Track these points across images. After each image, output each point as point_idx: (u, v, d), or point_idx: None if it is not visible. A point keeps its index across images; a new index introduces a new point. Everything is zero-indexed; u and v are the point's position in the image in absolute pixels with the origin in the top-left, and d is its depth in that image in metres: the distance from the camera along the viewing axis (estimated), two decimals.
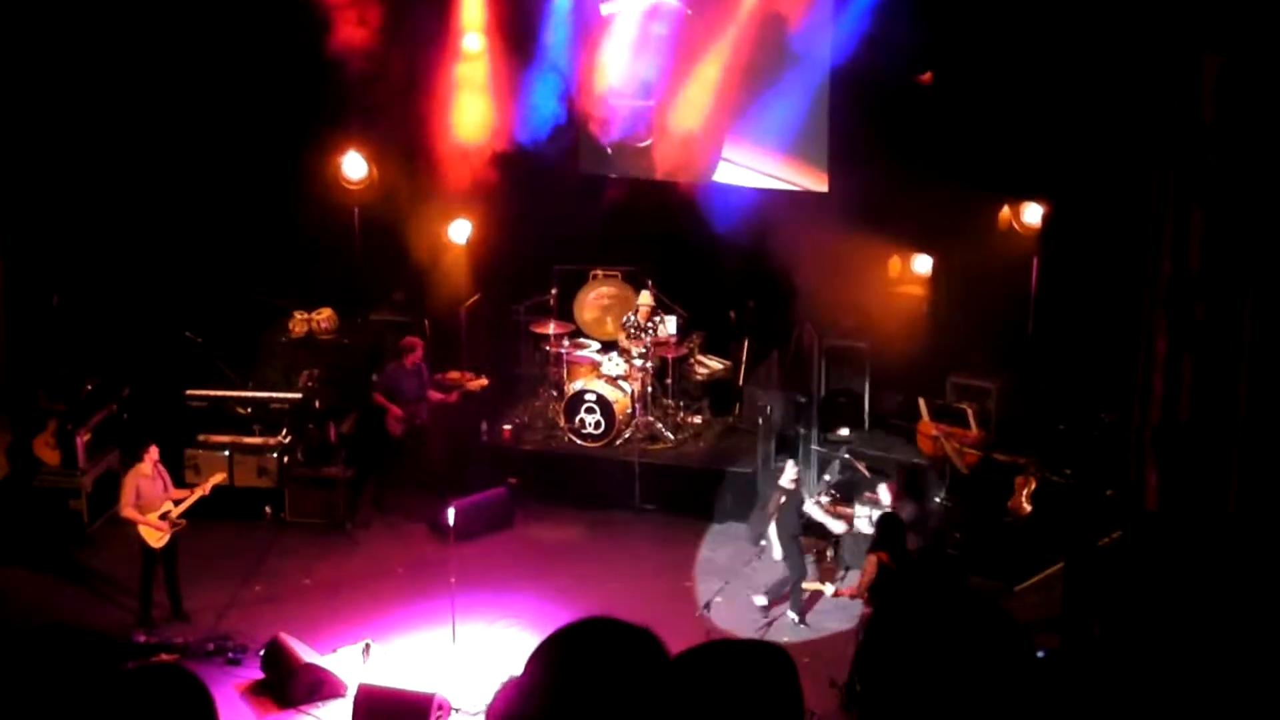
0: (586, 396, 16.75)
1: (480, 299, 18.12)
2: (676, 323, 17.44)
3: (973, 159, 15.94)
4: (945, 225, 16.51)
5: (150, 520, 13.80)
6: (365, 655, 13.13)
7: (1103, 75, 15.01)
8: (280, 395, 16.77)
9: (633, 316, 17.21)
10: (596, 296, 18.38)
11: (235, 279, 17.94)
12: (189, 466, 15.90)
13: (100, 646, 3.19)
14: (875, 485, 15.06)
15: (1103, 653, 11.97)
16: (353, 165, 18.24)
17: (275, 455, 16.24)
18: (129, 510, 13.85)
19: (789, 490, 14.28)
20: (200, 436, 16.28)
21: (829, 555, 15.10)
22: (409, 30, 17.26)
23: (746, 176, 17.88)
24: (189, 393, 16.54)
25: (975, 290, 16.76)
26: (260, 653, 13.22)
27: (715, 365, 17.95)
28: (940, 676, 2.65)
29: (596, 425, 16.73)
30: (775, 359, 17.32)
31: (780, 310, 17.70)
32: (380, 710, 12.27)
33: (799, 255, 16.64)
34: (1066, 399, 16.04)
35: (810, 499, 14.93)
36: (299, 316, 18.01)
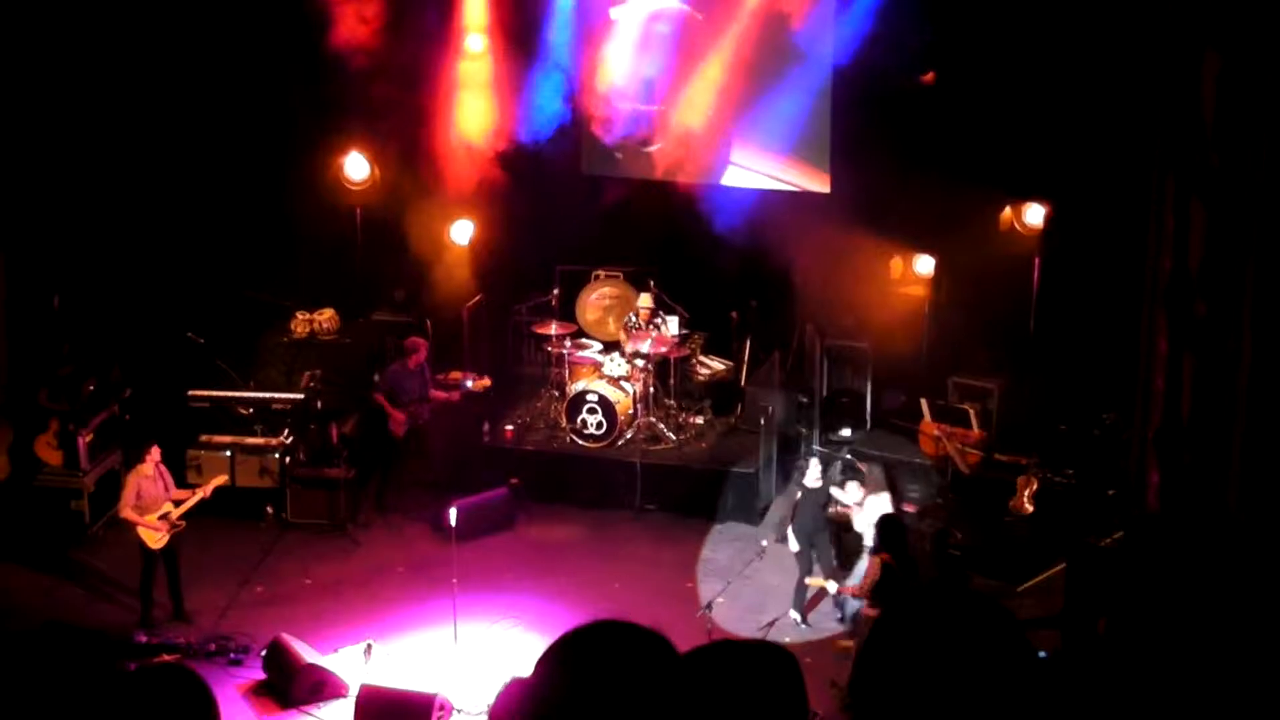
0: (588, 397, 16.75)
1: (482, 299, 18.13)
2: (678, 323, 17.44)
3: (974, 159, 15.95)
4: (947, 226, 16.51)
5: (148, 521, 13.79)
6: (367, 655, 13.13)
7: (1103, 75, 15.02)
8: (282, 396, 16.77)
9: (634, 316, 17.21)
10: (598, 297, 18.38)
11: (237, 279, 17.95)
12: (191, 467, 15.91)
13: (101, 646, 3.20)
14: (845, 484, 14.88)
15: (1104, 653, 11.96)
16: (355, 166, 18.25)
17: (277, 456, 16.24)
18: (128, 511, 13.85)
19: (812, 489, 14.21)
20: (202, 437, 16.28)
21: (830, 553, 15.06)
22: (412, 30, 17.27)
23: (749, 177, 17.89)
24: (191, 393, 16.55)
25: (977, 290, 16.77)
26: (262, 653, 13.21)
27: (717, 366, 17.94)
28: (942, 678, 2.65)
29: (598, 426, 16.73)
30: (777, 359, 17.31)
31: (782, 310, 17.72)
32: (382, 710, 12.26)
33: (801, 255, 16.66)
34: (1068, 399, 16.05)
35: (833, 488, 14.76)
36: (301, 317, 18.03)
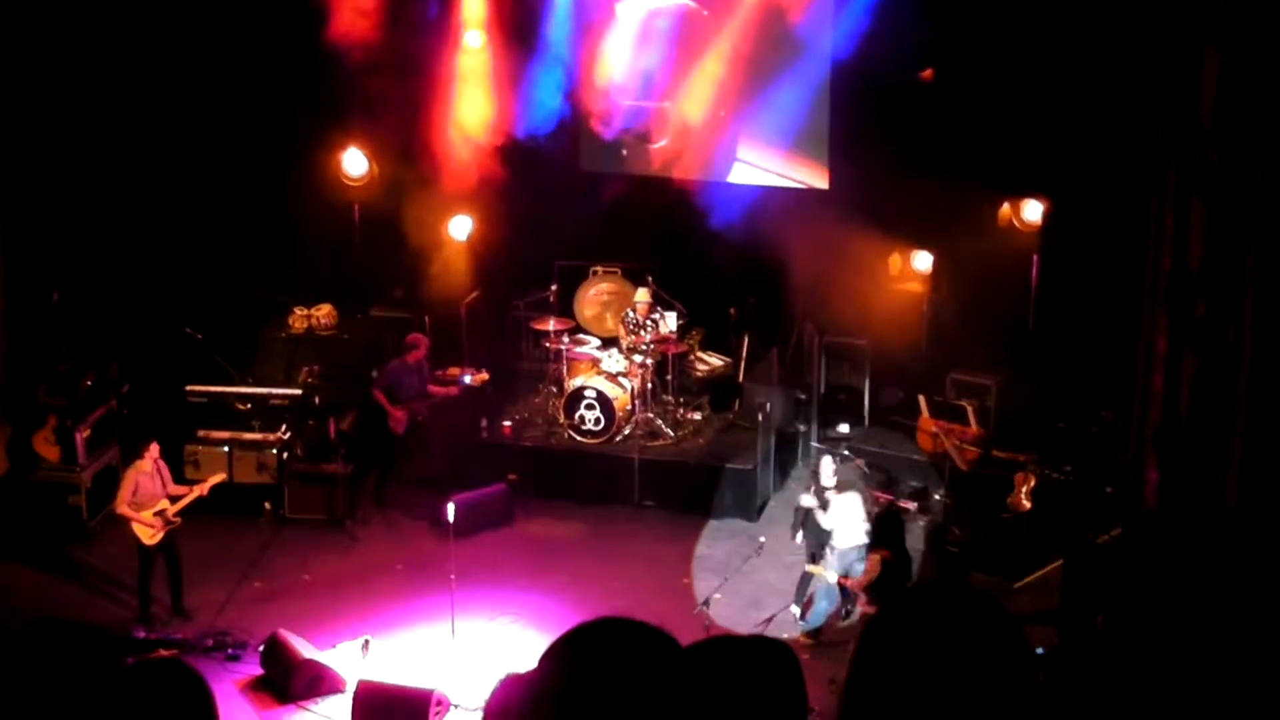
0: (586, 393, 16.74)
1: (480, 295, 18.12)
2: (676, 319, 17.43)
3: (973, 156, 15.94)
4: (945, 222, 16.51)
5: (143, 518, 13.77)
6: (364, 651, 13.12)
7: (1103, 72, 15.02)
8: (280, 391, 16.75)
9: (632, 312, 17.19)
10: (597, 293, 18.37)
11: (235, 275, 17.93)
12: (189, 462, 15.90)
13: (100, 642, 3.18)
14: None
15: (1101, 650, 11.96)
16: (353, 161, 18.22)
17: (275, 451, 16.22)
18: (124, 507, 13.82)
19: (827, 488, 14.17)
20: (200, 432, 16.26)
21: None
22: (410, 25, 17.25)
23: (747, 173, 17.88)
24: (189, 389, 16.52)
25: (975, 287, 16.76)
26: (260, 649, 13.22)
27: (715, 362, 17.93)
28: (939, 676, 2.65)
29: (596, 421, 16.72)
30: (775, 355, 17.30)
31: (780, 307, 17.70)
32: (379, 706, 12.27)
33: (799, 252, 16.65)
34: (1066, 396, 16.05)
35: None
36: (299, 312, 18.02)
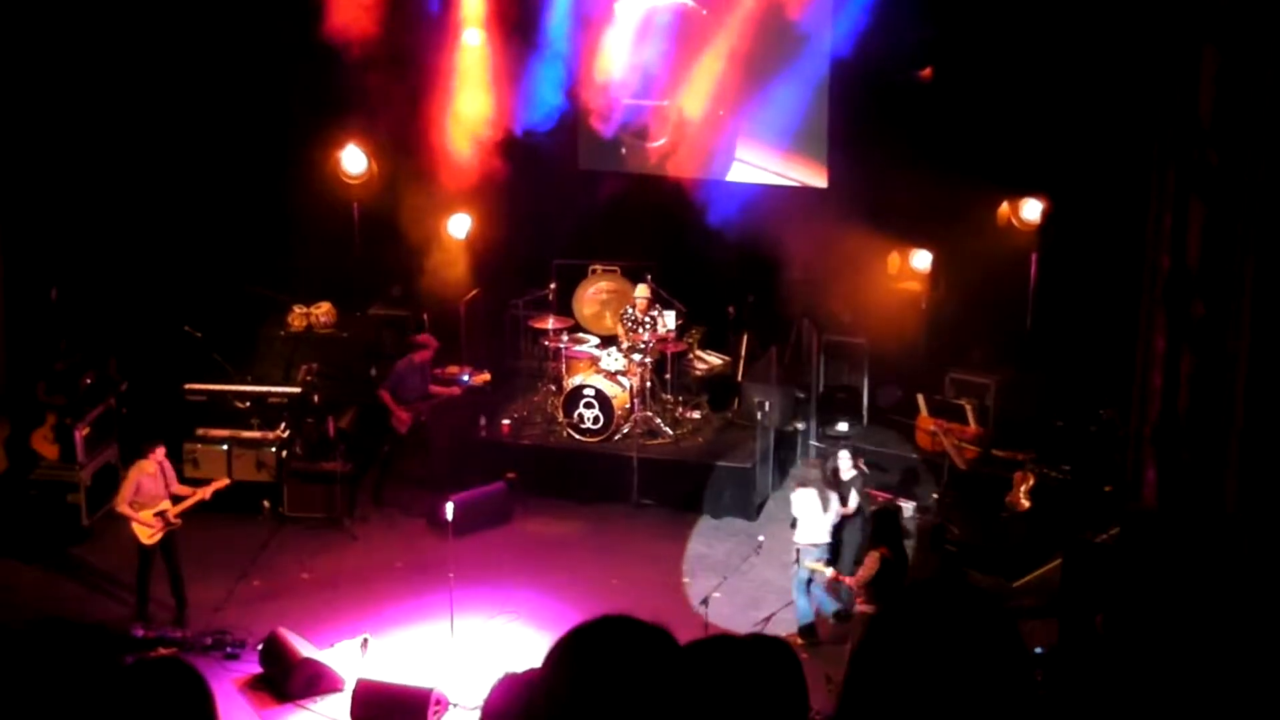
0: (585, 391, 16.74)
1: (479, 294, 18.12)
2: (675, 317, 17.42)
3: (972, 155, 15.94)
4: (944, 221, 16.52)
5: (143, 517, 13.75)
6: (363, 650, 13.12)
7: (1102, 71, 15.02)
8: (279, 389, 16.74)
9: (631, 310, 17.19)
10: (595, 291, 18.36)
11: (234, 273, 17.93)
12: (187, 460, 15.89)
13: (99, 640, 3.18)
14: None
15: (1100, 649, 11.96)
16: (352, 159, 18.22)
17: (273, 450, 16.21)
18: (123, 506, 13.80)
19: (846, 481, 14.17)
20: (198, 431, 16.24)
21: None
22: (409, 22, 17.24)
23: (746, 171, 17.88)
24: (187, 387, 16.51)
25: (974, 286, 16.77)
26: (258, 647, 13.22)
27: (714, 360, 17.93)
28: (938, 675, 2.65)
29: (595, 420, 16.72)
30: (774, 354, 17.30)
31: (779, 305, 17.70)
32: (378, 704, 12.27)
33: (798, 250, 16.65)
34: (1065, 395, 16.06)
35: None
36: (298, 311, 18.02)
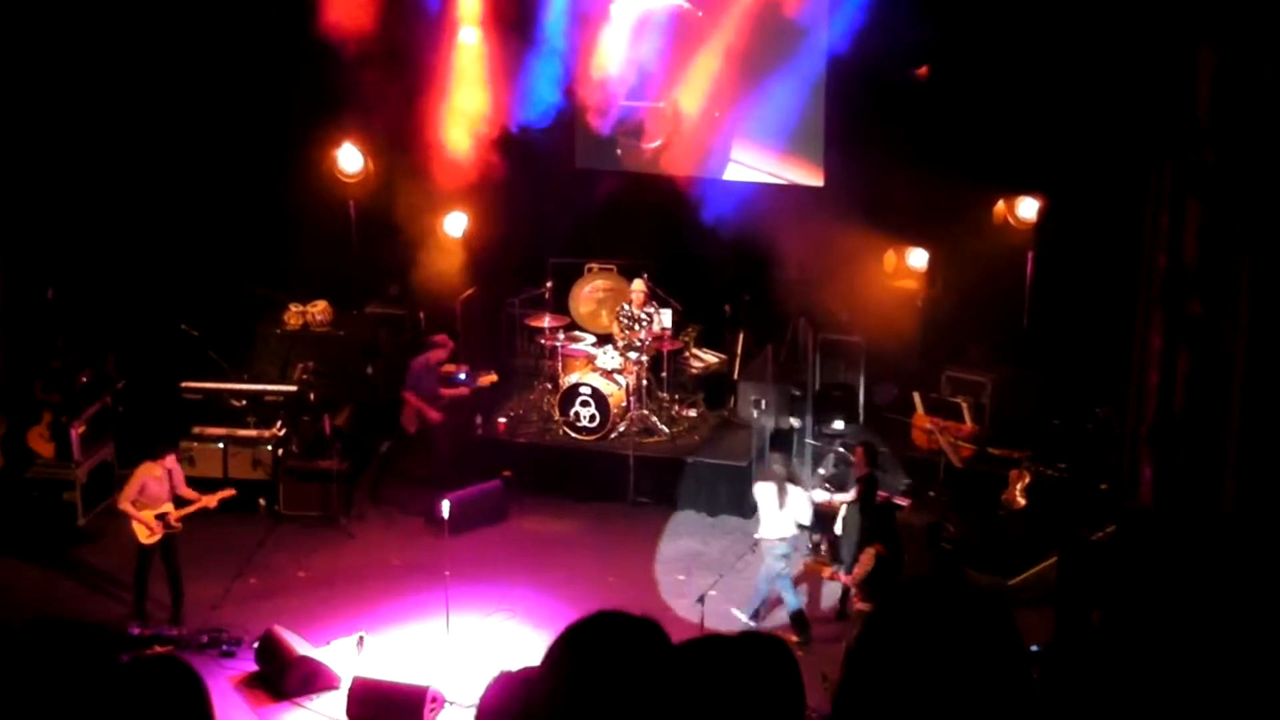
0: (581, 389, 16.74)
1: (476, 292, 18.11)
2: (671, 315, 17.43)
3: (968, 153, 15.94)
4: (941, 219, 16.52)
5: (143, 517, 13.73)
6: (359, 647, 13.12)
7: (1098, 69, 15.02)
8: (275, 388, 16.75)
9: (627, 306, 17.19)
10: (592, 290, 18.36)
11: (230, 271, 17.92)
12: (184, 459, 15.85)
13: (96, 638, 3.18)
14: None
15: (1096, 646, 11.97)
16: (348, 158, 18.21)
17: (270, 448, 16.21)
18: (125, 504, 13.77)
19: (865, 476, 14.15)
20: (195, 429, 16.25)
21: (821, 548, 15.05)
22: (406, 21, 17.23)
23: (743, 170, 17.88)
24: (184, 385, 16.52)
25: (970, 284, 16.77)
26: (254, 645, 13.21)
27: (710, 358, 17.93)
28: (935, 673, 2.64)
29: (591, 418, 16.72)
30: (770, 352, 17.31)
31: (775, 304, 17.70)
32: (374, 702, 12.27)
33: (794, 249, 16.66)
34: (1061, 393, 16.07)
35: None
36: (294, 309, 18.02)
